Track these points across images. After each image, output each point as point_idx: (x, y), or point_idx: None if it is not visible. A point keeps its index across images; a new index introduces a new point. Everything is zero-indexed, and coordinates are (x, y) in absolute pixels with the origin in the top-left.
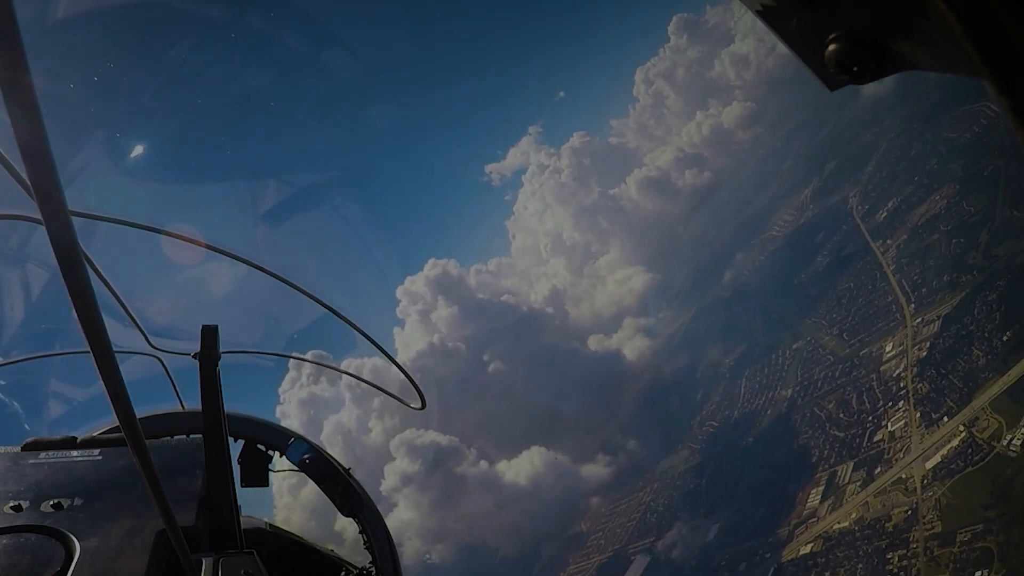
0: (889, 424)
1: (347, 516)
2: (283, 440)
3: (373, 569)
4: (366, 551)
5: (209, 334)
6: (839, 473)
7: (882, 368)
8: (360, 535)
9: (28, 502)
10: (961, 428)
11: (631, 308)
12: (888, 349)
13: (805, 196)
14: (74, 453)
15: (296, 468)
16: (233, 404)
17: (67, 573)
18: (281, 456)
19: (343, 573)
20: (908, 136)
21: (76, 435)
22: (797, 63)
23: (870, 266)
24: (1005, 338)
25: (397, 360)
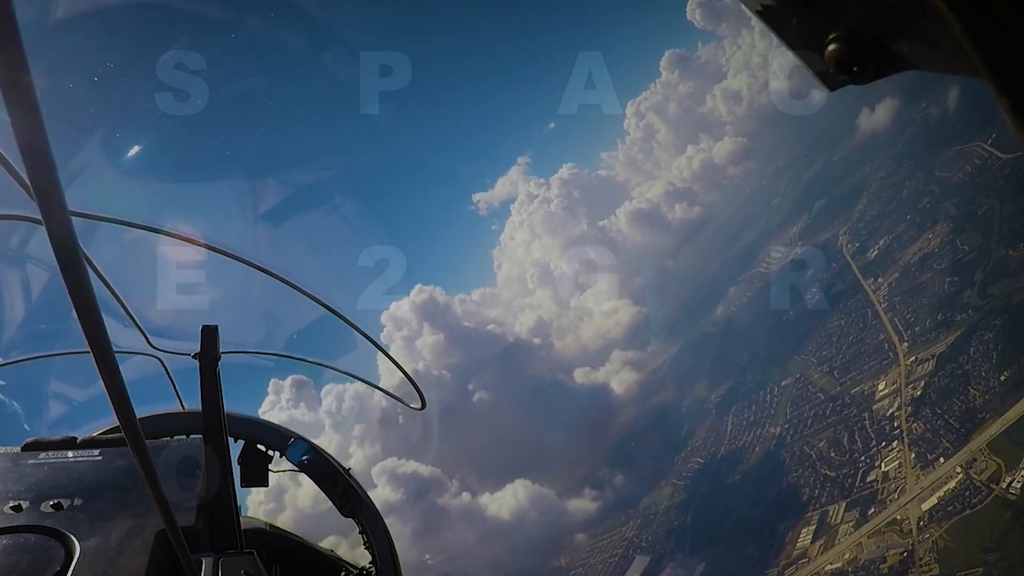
0: (883, 464)
1: (347, 516)
2: (283, 440)
3: (373, 569)
4: (366, 551)
5: (209, 334)
6: (831, 513)
7: (874, 407)
8: (360, 535)
9: (28, 502)
10: (958, 470)
11: (618, 341)
12: (881, 388)
13: (794, 233)
14: (74, 453)
15: (296, 468)
16: (233, 404)
17: (67, 573)
18: (281, 456)
19: (343, 573)
20: (899, 175)
21: (76, 435)
22: (798, 63)
23: (861, 304)
24: (1003, 378)
25: (397, 361)
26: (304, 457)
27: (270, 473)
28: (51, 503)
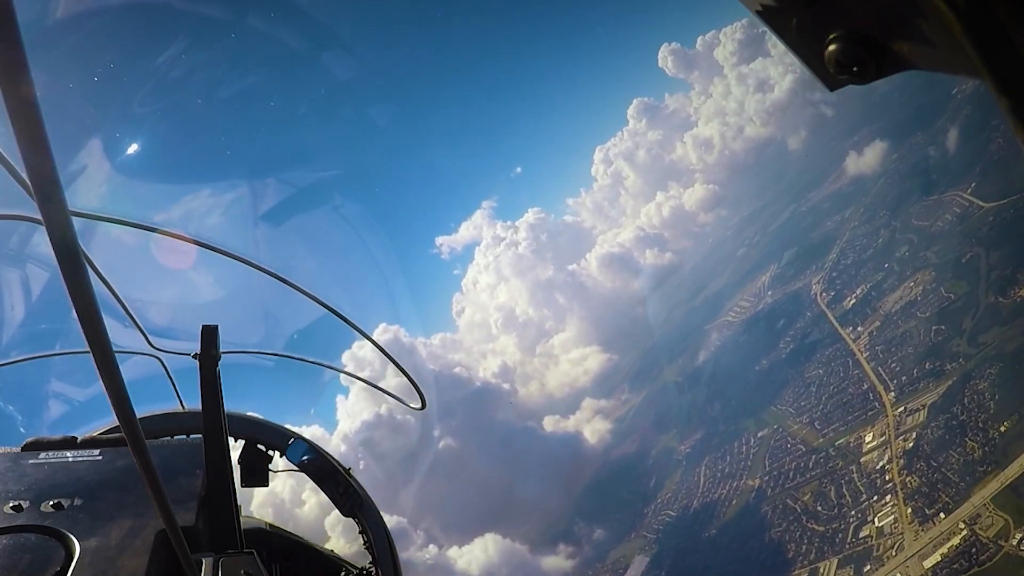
0: (876, 519)
1: (347, 516)
2: (283, 440)
3: (373, 569)
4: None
5: (209, 334)
6: (822, 570)
7: (863, 459)
8: (360, 535)
9: (28, 502)
10: (961, 526)
11: (588, 389)
12: (868, 439)
13: (763, 282)
14: (74, 453)
15: (296, 468)
16: (233, 404)
17: (67, 573)
18: (281, 456)
19: (343, 573)
20: (874, 225)
21: (76, 435)
22: (797, 64)
23: (841, 353)
24: (1003, 429)
25: (398, 361)
26: (304, 457)
27: (270, 473)
28: (51, 503)
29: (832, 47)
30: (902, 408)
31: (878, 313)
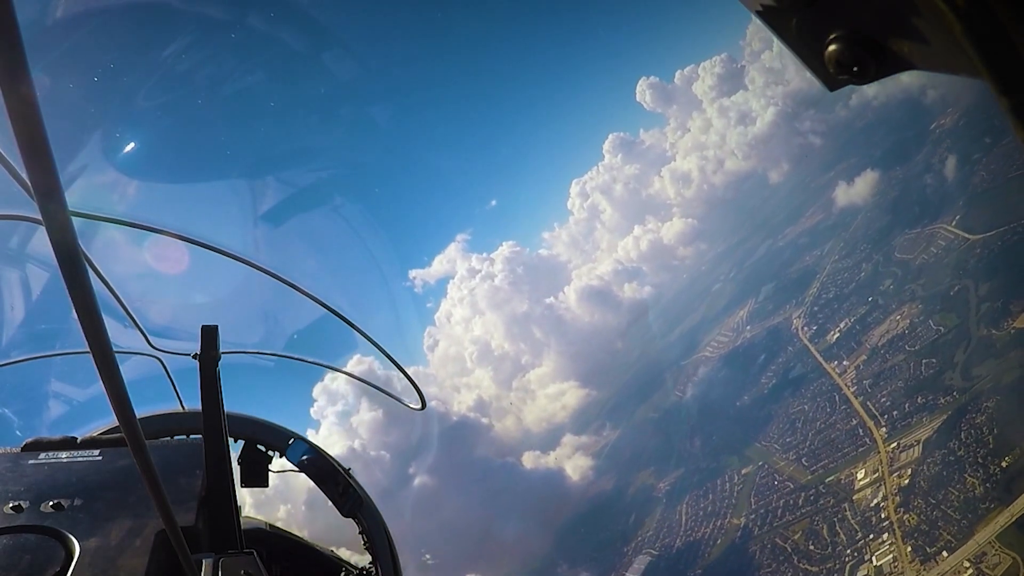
0: (874, 558)
1: (347, 516)
2: (283, 440)
3: (373, 569)
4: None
5: (209, 334)
6: None
7: (855, 497)
8: (360, 535)
9: (28, 502)
10: (966, 564)
11: (565, 425)
12: (860, 476)
13: (741, 317)
14: (74, 453)
15: (296, 468)
16: (233, 404)
17: (67, 573)
18: (281, 456)
19: (343, 573)
20: (855, 259)
21: (76, 435)
22: (797, 64)
23: (826, 388)
24: (1004, 464)
25: (398, 361)
26: (304, 457)
27: (270, 473)
28: (51, 503)
29: (832, 47)
30: (895, 444)
31: (864, 347)
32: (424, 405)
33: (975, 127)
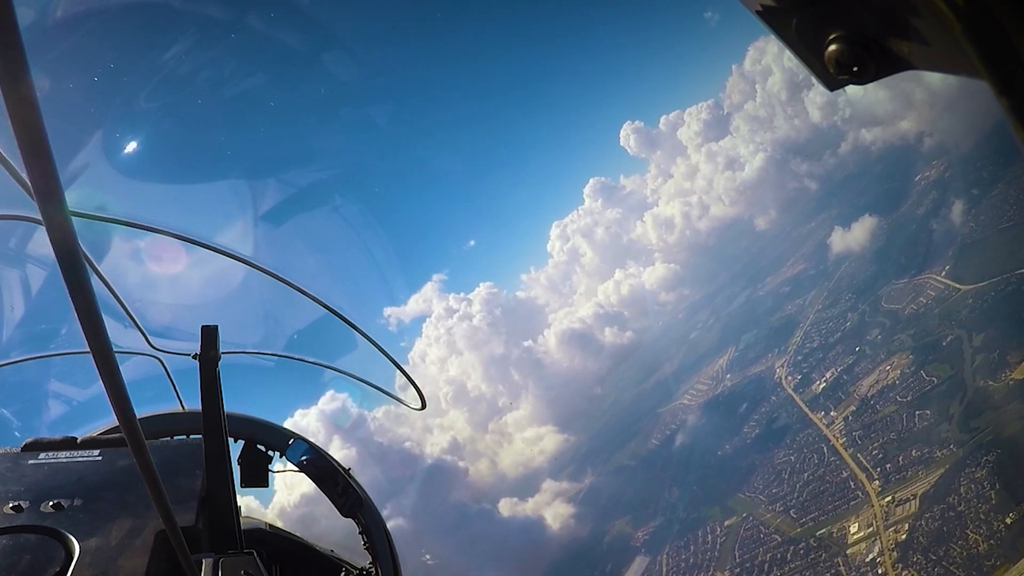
0: None
1: (347, 516)
2: (283, 440)
3: (373, 569)
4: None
5: (209, 334)
6: None
7: (849, 551)
8: (360, 536)
9: (28, 502)
10: None
11: (543, 470)
12: (854, 530)
13: (720, 366)
14: (74, 453)
15: (296, 468)
16: (233, 404)
17: (67, 573)
18: (281, 456)
19: (343, 573)
20: (839, 308)
21: (76, 435)
22: (797, 64)
23: (813, 439)
24: (1008, 520)
25: (398, 362)
26: (304, 457)
27: (270, 473)
28: (51, 503)
29: (832, 47)
30: (890, 497)
31: (852, 397)
32: (424, 405)
33: (962, 179)
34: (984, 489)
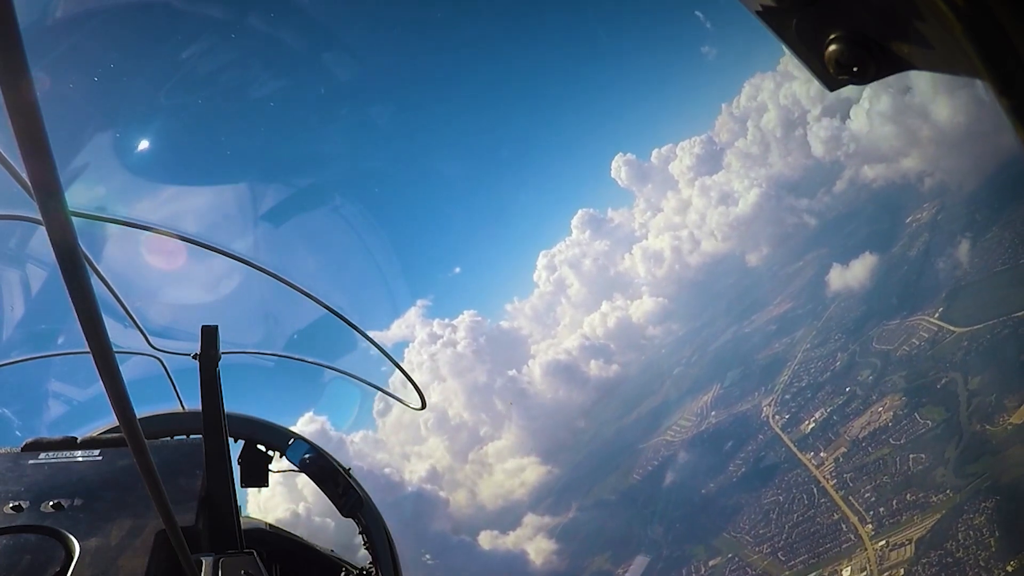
0: None
1: (347, 516)
2: (283, 440)
3: (373, 569)
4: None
5: (209, 334)
6: None
7: None
8: (360, 535)
9: (28, 502)
10: None
11: (524, 502)
12: (846, 574)
13: (705, 403)
14: (74, 453)
15: (296, 468)
16: (233, 404)
17: (67, 573)
18: (281, 456)
19: (343, 573)
20: (829, 348)
21: (76, 435)
22: (797, 64)
23: (802, 480)
24: (1009, 568)
25: (398, 362)
26: (304, 457)
27: (270, 473)
28: (51, 503)
29: (832, 47)
30: (884, 542)
31: (843, 438)
32: (424, 405)
33: (954, 221)
34: (983, 536)
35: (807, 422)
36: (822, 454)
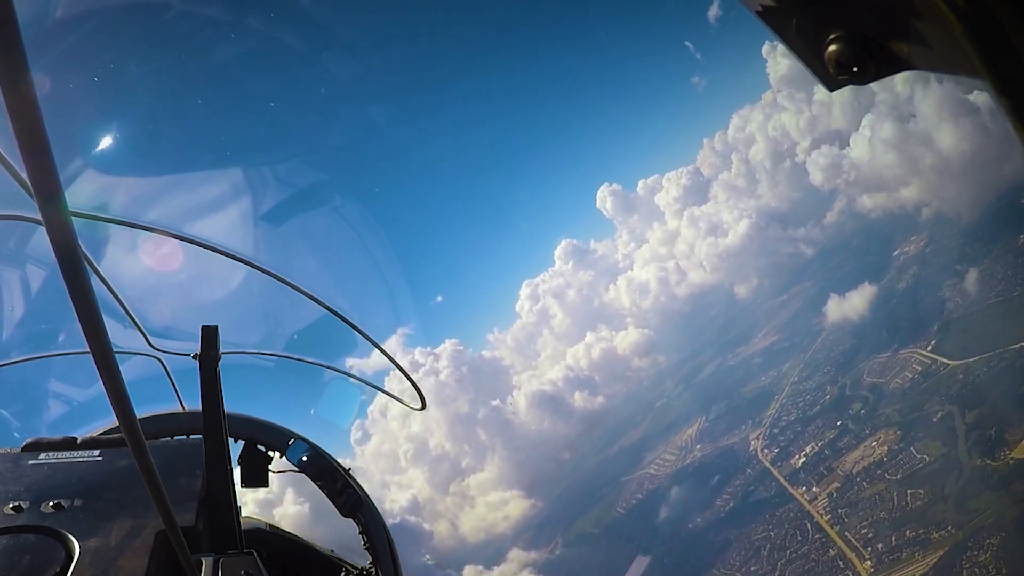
0: None
1: (346, 516)
2: (283, 440)
3: (373, 569)
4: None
5: (209, 335)
6: None
7: None
8: (360, 535)
9: (28, 503)
10: None
11: (507, 536)
12: None
13: (689, 436)
14: (74, 454)
15: (296, 468)
16: (233, 404)
17: (67, 573)
18: (281, 456)
19: (343, 573)
20: (817, 380)
21: (76, 435)
22: (798, 64)
23: (795, 515)
24: None
25: (398, 362)
26: (304, 457)
27: (270, 473)
28: (51, 503)
29: (832, 47)
30: None
31: (836, 473)
32: (424, 405)
33: (944, 255)
34: (988, 574)
35: (797, 456)
36: (815, 489)
